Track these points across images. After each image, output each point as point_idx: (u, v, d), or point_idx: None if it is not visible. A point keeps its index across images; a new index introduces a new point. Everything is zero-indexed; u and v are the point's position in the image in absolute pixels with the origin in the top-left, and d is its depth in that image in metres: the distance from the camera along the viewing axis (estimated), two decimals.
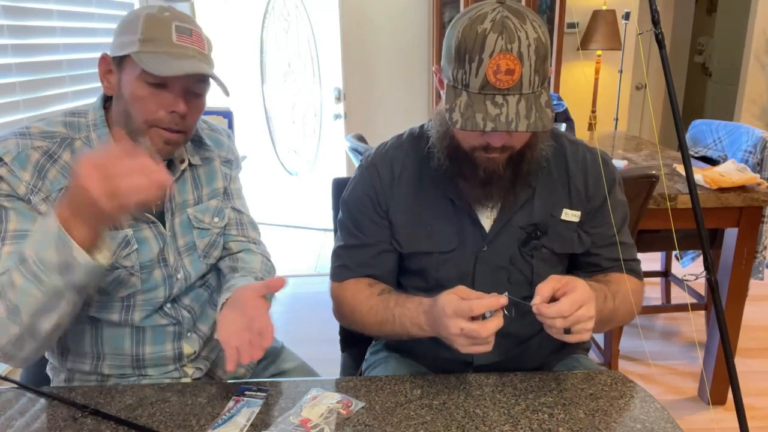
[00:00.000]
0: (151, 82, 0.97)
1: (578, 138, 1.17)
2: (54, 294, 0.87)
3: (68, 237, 0.83)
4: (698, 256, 2.58)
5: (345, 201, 1.16)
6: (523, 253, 1.08)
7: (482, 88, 0.90)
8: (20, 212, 0.97)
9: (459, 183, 1.04)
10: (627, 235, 1.15)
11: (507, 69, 0.88)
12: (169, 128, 1.01)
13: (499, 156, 0.98)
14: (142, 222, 1.06)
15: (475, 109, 0.90)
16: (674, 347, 2.58)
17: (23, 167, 0.96)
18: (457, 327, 0.89)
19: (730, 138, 2.36)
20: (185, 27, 1.00)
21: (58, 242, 0.84)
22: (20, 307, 0.88)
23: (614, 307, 1.04)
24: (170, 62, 0.96)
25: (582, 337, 0.90)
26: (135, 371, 1.12)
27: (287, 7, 3.83)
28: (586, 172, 1.09)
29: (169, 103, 0.99)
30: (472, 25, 0.90)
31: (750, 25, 4.07)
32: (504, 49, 0.87)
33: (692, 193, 1.09)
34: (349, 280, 1.14)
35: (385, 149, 1.15)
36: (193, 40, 1.00)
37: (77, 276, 0.86)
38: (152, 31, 0.97)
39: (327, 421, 0.90)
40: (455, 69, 0.92)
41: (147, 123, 0.99)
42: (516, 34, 0.87)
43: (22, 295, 0.87)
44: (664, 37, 1.05)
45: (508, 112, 0.89)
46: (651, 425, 0.88)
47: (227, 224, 1.22)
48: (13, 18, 1.85)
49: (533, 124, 0.89)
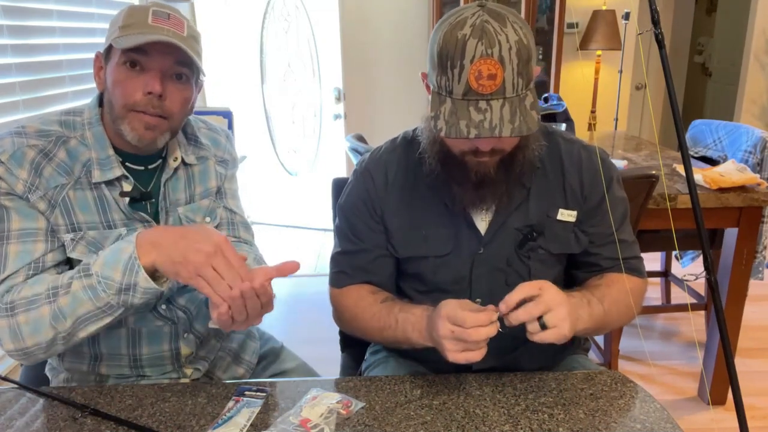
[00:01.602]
0: (126, 63, 0.98)
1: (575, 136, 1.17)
2: (105, 309, 0.92)
3: (139, 264, 0.88)
4: (698, 256, 2.58)
5: (341, 207, 1.16)
6: (520, 255, 1.08)
7: (465, 94, 0.89)
8: (21, 211, 0.98)
9: (452, 187, 1.04)
10: (628, 232, 1.14)
11: (489, 74, 0.87)
12: (146, 111, 1.00)
13: (490, 159, 0.98)
14: (136, 221, 1.06)
15: (459, 116, 0.89)
16: (674, 347, 2.58)
17: (20, 165, 0.97)
18: (447, 328, 0.90)
19: (730, 138, 2.36)
20: (163, 11, 1.00)
21: (127, 265, 0.89)
22: (67, 314, 0.92)
23: (604, 310, 1.02)
24: (137, 37, 0.97)
25: (561, 330, 0.89)
26: (133, 371, 1.12)
27: (287, 7, 3.83)
28: (581, 171, 1.09)
29: (144, 84, 0.99)
30: (452, 31, 0.89)
31: (750, 25, 4.07)
32: (484, 54, 0.87)
33: (692, 193, 1.08)
34: (349, 286, 1.14)
35: (378, 154, 1.15)
36: (170, 23, 1.00)
37: (134, 298, 0.91)
38: (131, 17, 0.99)
39: (327, 422, 0.90)
40: (438, 76, 0.92)
41: (126, 107, 0.99)
42: (496, 38, 0.87)
43: (73, 303, 0.91)
44: (664, 37, 1.05)
45: (491, 118, 0.88)
46: (651, 425, 0.88)
47: (219, 224, 1.21)
48: (13, 18, 1.85)
49: (517, 128, 0.88)
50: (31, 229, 0.98)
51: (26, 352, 0.95)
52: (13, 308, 0.93)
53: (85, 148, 1.02)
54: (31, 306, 0.92)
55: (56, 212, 0.99)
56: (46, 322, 0.92)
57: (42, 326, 0.93)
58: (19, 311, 0.93)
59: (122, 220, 1.04)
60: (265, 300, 0.91)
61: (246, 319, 0.91)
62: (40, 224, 0.99)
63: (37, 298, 0.93)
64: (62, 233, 1.00)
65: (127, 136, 1.01)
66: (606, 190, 1.08)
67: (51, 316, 0.92)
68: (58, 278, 0.94)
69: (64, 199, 0.99)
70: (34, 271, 0.97)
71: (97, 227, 1.02)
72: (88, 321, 0.93)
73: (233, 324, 0.91)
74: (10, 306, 0.94)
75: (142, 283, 0.89)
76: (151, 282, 0.89)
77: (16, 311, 0.93)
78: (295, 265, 0.91)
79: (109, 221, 1.03)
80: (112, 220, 1.03)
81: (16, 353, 0.96)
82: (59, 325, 0.92)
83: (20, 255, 0.97)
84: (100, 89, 1.05)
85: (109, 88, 1.01)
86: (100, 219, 1.02)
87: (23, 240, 0.97)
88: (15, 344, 0.94)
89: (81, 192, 1.01)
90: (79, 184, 1.01)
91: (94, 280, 0.90)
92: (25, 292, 0.94)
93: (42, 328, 0.93)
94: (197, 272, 0.87)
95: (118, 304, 0.92)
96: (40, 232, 0.98)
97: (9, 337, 0.94)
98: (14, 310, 0.93)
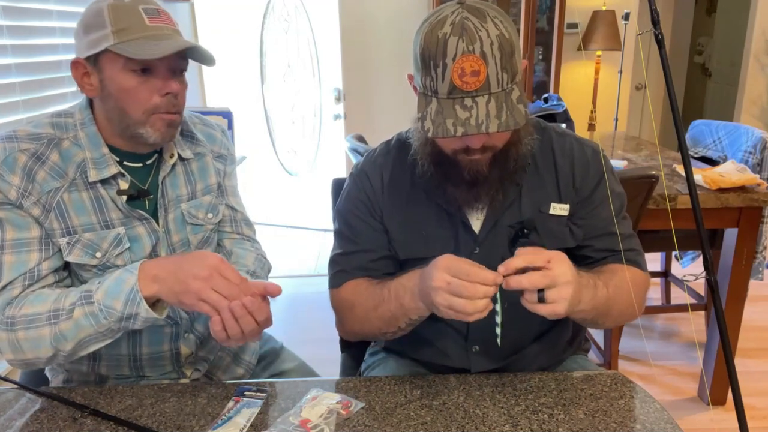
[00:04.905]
0: (137, 70, 0.97)
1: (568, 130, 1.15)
2: (106, 333, 0.95)
3: (141, 296, 0.91)
4: (698, 256, 2.58)
5: (339, 210, 1.16)
6: (514, 252, 1.07)
7: (450, 92, 0.89)
8: (14, 221, 0.98)
9: (446, 187, 1.03)
10: (626, 225, 1.11)
11: (472, 71, 0.87)
12: (168, 111, 1.01)
13: (482, 157, 0.97)
14: (134, 219, 1.05)
15: (445, 115, 0.89)
16: (674, 347, 2.58)
17: (12, 171, 0.96)
18: (443, 279, 0.87)
19: (730, 138, 2.36)
20: (152, 8, 0.99)
21: (129, 297, 0.92)
22: (69, 338, 0.94)
23: (608, 295, 0.98)
24: (153, 45, 0.95)
25: (557, 308, 0.87)
26: (133, 372, 1.12)
27: (287, 8, 3.83)
28: (573, 163, 1.08)
29: (160, 87, 0.99)
30: (433, 30, 0.89)
31: (750, 26, 4.07)
32: (466, 51, 0.87)
33: (692, 193, 1.08)
34: (348, 282, 1.13)
35: (373, 157, 1.15)
36: (163, 19, 1.00)
37: (134, 325, 0.95)
38: (122, 20, 0.95)
39: (327, 422, 0.90)
40: (423, 77, 0.92)
41: (146, 112, 0.99)
42: (477, 34, 0.87)
43: (75, 328, 0.94)
44: (664, 38, 1.05)
45: (478, 114, 0.88)
46: (651, 425, 0.88)
47: (221, 221, 1.22)
48: (13, 18, 1.84)
49: (504, 123, 0.88)
50: (24, 239, 0.98)
51: (27, 363, 0.97)
52: (13, 324, 0.94)
53: (79, 149, 1.02)
54: (30, 325, 0.94)
55: (51, 217, 0.99)
56: (47, 342, 0.94)
57: (42, 344, 0.94)
58: (18, 328, 0.94)
59: (120, 218, 1.04)
60: (261, 318, 0.94)
61: (241, 335, 0.93)
62: (33, 233, 0.98)
63: (38, 318, 0.94)
64: (57, 237, 0.99)
65: (149, 139, 1.01)
66: (599, 184, 1.07)
67: (52, 338, 0.94)
68: (59, 299, 0.95)
69: (58, 203, 0.99)
70: (30, 281, 0.98)
71: (94, 228, 1.02)
72: (89, 343, 0.96)
73: (228, 339, 0.94)
74: (10, 321, 0.94)
75: (143, 313, 0.93)
76: (152, 312, 0.93)
77: (16, 327, 0.94)
78: (277, 288, 0.97)
79: (107, 221, 1.03)
80: (109, 220, 1.03)
81: (16, 362, 0.97)
82: (60, 345, 0.94)
83: (15, 265, 0.97)
84: (92, 95, 1.01)
85: (116, 96, 0.98)
86: (98, 219, 1.02)
87: (17, 250, 0.97)
88: (15, 355, 0.96)
89: (76, 194, 1.01)
90: (74, 186, 1.01)
91: (96, 308, 0.93)
92: (25, 309, 0.95)
93: (42, 345, 0.94)
94: (199, 298, 0.90)
95: (119, 329, 0.96)
96: (33, 241, 0.98)
97: (9, 349, 0.96)
98: (14, 326, 0.94)
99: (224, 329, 0.92)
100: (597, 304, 0.97)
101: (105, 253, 1.02)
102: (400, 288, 1.00)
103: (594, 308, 0.97)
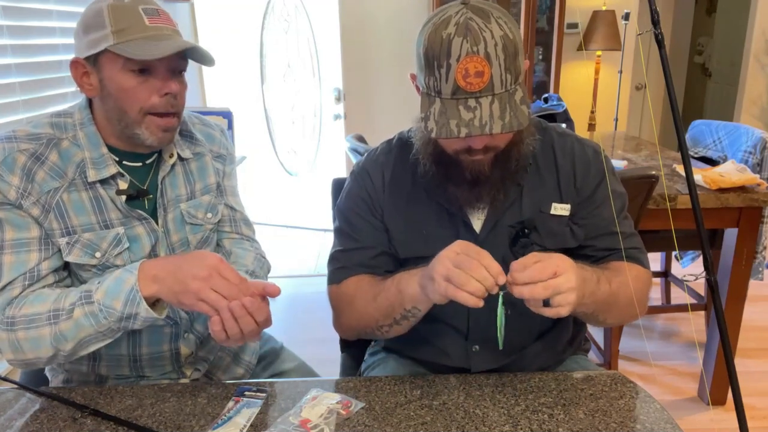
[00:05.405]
0: (136, 70, 0.97)
1: (569, 130, 1.15)
2: (106, 332, 0.95)
3: (140, 296, 0.92)
4: (698, 256, 2.58)
5: (339, 208, 1.16)
6: (515, 253, 1.07)
7: (454, 93, 0.89)
8: (13, 221, 0.98)
9: (448, 187, 1.03)
10: (627, 225, 1.12)
11: (476, 71, 0.87)
12: (165, 112, 1.01)
13: (484, 157, 0.98)
14: (133, 219, 1.05)
15: (449, 116, 0.89)
16: (674, 347, 2.58)
17: (11, 171, 0.96)
18: (452, 251, 0.89)
19: (730, 138, 2.36)
20: (151, 8, 0.99)
21: (129, 297, 0.92)
22: (69, 338, 0.94)
23: (611, 291, 0.98)
24: (152, 45, 0.96)
25: (561, 311, 0.87)
26: (132, 372, 1.12)
27: (287, 8, 3.83)
28: (575, 162, 1.08)
29: (159, 87, 0.99)
30: (437, 30, 0.89)
31: (750, 26, 4.07)
32: (470, 52, 0.87)
33: (692, 193, 1.08)
34: (349, 278, 1.12)
35: (375, 155, 1.15)
36: (162, 19, 1.00)
37: (134, 324, 0.95)
38: (122, 20, 0.96)
39: (327, 422, 0.90)
40: (426, 77, 0.92)
41: (142, 111, 0.99)
42: (481, 35, 0.87)
43: (75, 328, 0.94)
44: (664, 38, 1.05)
45: (481, 115, 0.88)
46: (651, 425, 0.88)
47: (220, 221, 1.22)
48: (13, 18, 1.84)
49: (508, 124, 0.88)
50: (24, 239, 0.98)
51: (27, 363, 0.97)
52: (13, 324, 0.94)
53: (78, 149, 1.02)
54: (30, 325, 0.94)
55: (50, 217, 0.99)
56: (47, 342, 0.94)
57: (42, 344, 0.94)
58: (18, 328, 0.94)
59: (119, 218, 1.04)
60: (260, 318, 0.94)
61: (241, 335, 0.93)
62: (33, 233, 0.98)
63: (38, 318, 0.94)
64: (57, 237, 0.99)
65: (146, 141, 1.02)
66: (600, 184, 1.07)
67: (52, 338, 0.94)
68: (59, 299, 0.95)
69: (57, 203, 0.99)
70: (30, 281, 0.98)
71: (93, 228, 1.02)
72: (89, 342, 0.96)
73: (228, 339, 0.94)
74: (10, 321, 0.95)
75: (143, 313, 0.93)
76: (151, 312, 0.93)
77: (16, 327, 0.94)
78: (276, 289, 0.97)
79: (106, 221, 1.03)
80: (109, 220, 1.03)
81: (17, 362, 0.97)
82: (61, 345, 0.94)
83: (15, 265, 0.97)
84: (92, 95, 1.02)
85: (115, 95, 0.99)
86: (97, 219, 1.02)
87: (17, 250, 0.97)
88: (16, 355, 0.96)
89: (76, 194, 1.01)
90: (74, 186, 1.01)
91: (96, 308, 0.93)
92: (25, 309, 0.95)
93: (42, 345, 0.94)
94: (198, 298, 0.91)
95: (119, 329, 0.96)
96: (33, 241, 0.98)
97: (9, 349, 0.96)
98: (14, 326, 0.94)
99: (223, 329, 0.92)
100: (599, 299, 0.97)
101: (104, 253, 1.02)
102: (404, 275, 1.01)
103: (595, 302, 0.97)
